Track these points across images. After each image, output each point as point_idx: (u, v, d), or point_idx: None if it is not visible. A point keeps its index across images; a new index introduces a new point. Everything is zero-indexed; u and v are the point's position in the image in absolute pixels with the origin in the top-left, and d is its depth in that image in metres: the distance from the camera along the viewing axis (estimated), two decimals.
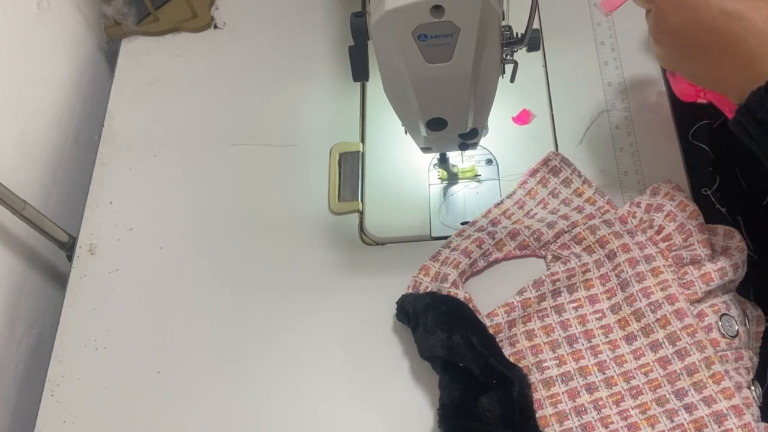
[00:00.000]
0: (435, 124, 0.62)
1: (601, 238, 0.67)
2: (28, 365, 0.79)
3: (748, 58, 0.52)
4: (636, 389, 0.61)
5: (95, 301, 0.74)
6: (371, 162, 0.77)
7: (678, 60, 0.59)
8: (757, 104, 0.50)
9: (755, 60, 0.52)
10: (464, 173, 0.75)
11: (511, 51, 0.59)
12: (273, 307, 0.71)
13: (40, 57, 0.85)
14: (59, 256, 0.84)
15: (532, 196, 0.72)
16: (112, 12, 0.89)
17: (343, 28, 0.87)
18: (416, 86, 0.56)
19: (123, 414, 0.68)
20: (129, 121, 0.85)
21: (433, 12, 0.49)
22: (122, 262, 0.76)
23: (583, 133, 0.75)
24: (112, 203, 0.79)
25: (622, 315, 0.64)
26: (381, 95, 0.59)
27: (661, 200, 0.67)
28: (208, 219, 0.77)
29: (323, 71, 0.85)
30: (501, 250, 0.69)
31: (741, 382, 0.61)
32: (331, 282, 0.72)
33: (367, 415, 0.65)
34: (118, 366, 0.70)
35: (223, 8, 0.92)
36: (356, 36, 0.55)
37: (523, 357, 0.64)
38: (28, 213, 0.74)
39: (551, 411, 0.61)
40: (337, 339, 0.68)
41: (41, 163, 0.83)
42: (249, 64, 0.87)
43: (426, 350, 0.63)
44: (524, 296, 0.65)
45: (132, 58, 0.89)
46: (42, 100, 0.84)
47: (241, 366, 0.69)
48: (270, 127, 0.82)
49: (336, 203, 0.76)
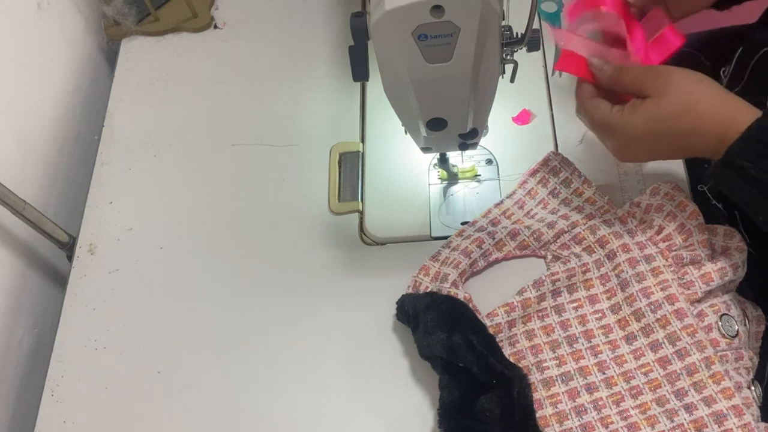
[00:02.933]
0: (435, 124, 0.62)
1: (601, 238, 0.67)
2: (28, 365, 0.79)
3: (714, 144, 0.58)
4: (636, 389, 0.61)
5: (95, 301, 0.74)
6: (371, 162, 0.77)
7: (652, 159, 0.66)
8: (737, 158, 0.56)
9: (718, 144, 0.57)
10: (464, 173, 0.75)
11: (511, 51, 0.59)
12: (273, 307, 0.71)
13: (40, 57, 0.85)
14: (59, 256, 0.84)
15: (532, 196, 0.72)
16: (112, 12, 0.89)
17: (343, 28, 0.87)
18: (416, 86, 0.56)
19: (123, 414, 0.68)
20: (129, 121, 0.85)
21: (433, 12, 0.49)
22: (122, 262, 0.76)
23: (583, 133, 0.75)
24: (112, 203, 0.79)
25: (622, 315, 0.64)
26: (381, 95, 0.59)
27: (661, 200, 0.67)
28: (208, 219, 0.77)
29: (323, 71, 0.85)
30: (501, 250, 0.69)
31: (741, 382, 0.61)
32: (331, 282, 0.72)
33: (367, 415, 0.65)
34: (118, 366, 0.70)
35: (223, 8, 0.92)
36: (356, 36, 0.55)
37: (523, 357, 0.64)
38: (28, 213, 0.74)
39: (551, 411, 0.61)
40: (337, 339, 0.69)
41: (41, 163, 0.83)
42: (249, 64, 0.87)
43: (426, 350, 0.63)
44: (524, 296, 0.65)
45: (132, 58, 0.89)
46: (42, 100, 0.84)
47: (241, 366, 0.69)
48: (270, 127, 0.82)
49: (336, 203, 0.76)
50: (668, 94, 0.58)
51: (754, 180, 0.55)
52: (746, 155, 0.55)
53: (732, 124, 0.56)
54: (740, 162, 0.55)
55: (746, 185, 0.56)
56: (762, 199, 0.56)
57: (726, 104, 0.58)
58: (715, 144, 0.57)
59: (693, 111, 0.58)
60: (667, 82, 0.59)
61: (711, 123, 0.57)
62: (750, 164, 0.55)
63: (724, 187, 0.58)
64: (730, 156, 0.56)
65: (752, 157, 0.55)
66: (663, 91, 0.59)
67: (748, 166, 0.55)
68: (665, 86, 0.59)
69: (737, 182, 0.56)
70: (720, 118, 0.57)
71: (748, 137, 0.55)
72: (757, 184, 0.55)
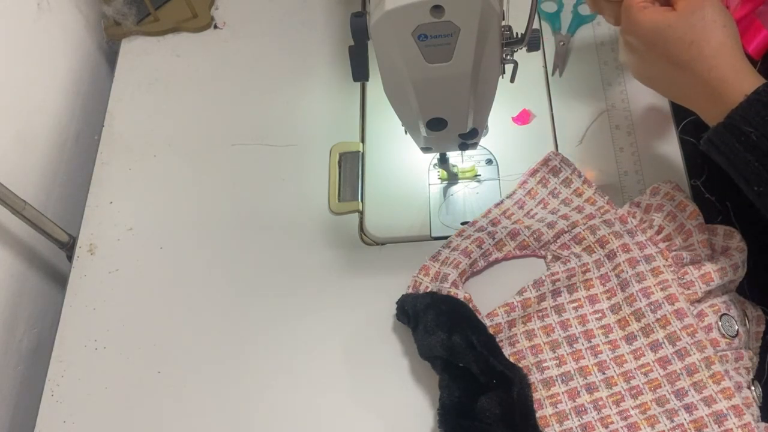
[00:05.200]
0: (435, 124, 0.62)
1: (601, 238, 0.67)
2: (28, 365, 0.79)
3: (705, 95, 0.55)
4: (636, 389, 0.61)
5: (95, 301, 0.74)
6: (371, 162, 0.77)
7: (648, 78, 0.61)
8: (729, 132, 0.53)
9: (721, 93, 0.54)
10: (464, 173, 0.75)
11: (511, 51, 0.59)
12: (273, 307, 0.71)
13: (40, 57, 0.85)
14: (59, 256, 0.84)
15: (532, 196, 0.72)
16: (112, 12, 0.89)
17: (343, 28, 0.87)
18: (416, 86, 0.56)
19: (123, 414, 0.68)
20: (129, 121, 0.85)
21: (433, 12, 0.49)
22: (122, 262, 0.76)
23: (583, 133, 0.75)
24: (112, 203, 0.79)
25: (622, 315, 0.64)
26: (381, 95, 0.59)
27: (661, 200, 0.67)
28: (208, 219, 0.77)
29: (323, 71, 0.85)
30: (501, 250, 0.69)
31: (741, 382, 0.61)
32: (332, 282, 0.72)
33: (367, 415, 0.65)
34: (118, 366, 0.70)
35: (223, 8, 0.92)
36: (356, 36, 0.55)
37: (523, 357, 0.64)
38: (28, 213, 0.74)
39: (551, 411, 0.61)
40: (337, 339, 0.69)
41: (41, 163, 0.83)
42: (249, 64, 0.87)
43: (426, 350, 0.63)
44: (524, 296, 0.65)
45: (132, 58, 0.89)
46: (42, 100, 0.84)
47: (241, 366, 0.69)
48: (270, 127, 0.82)
49: (336, 203, 0.76)
50: (689, 18, 0.55)
51: (753, 146, 0.53)
52: (750, 119, 0.52)
53: (732, 83, 0.54)
54: (743, 126, 0.53)
55: (744, 152, 0.53)
56: (759, 167, 0.53)
57: (732, 59, 0.55)
58: (708, 95, 0.55)
59: (698, 47, 0.55)
60: (696, 7, 0.55)
61: (709, 70, 0.55)
62: (753, 129, 0.52)
63: (719, 153, 0.55)
64: (732, 119, 0.53)
65: (756, 122, 0.52)
66: (687, 13, 0.55)
67: (749, 131, 0.52)
68: (692, 10, 0.55)
69: (735, 148, 0.54)
70: (720, 69, 0.54)
71: (755, 101, 0.53)
72: (755, 151, 0.53)
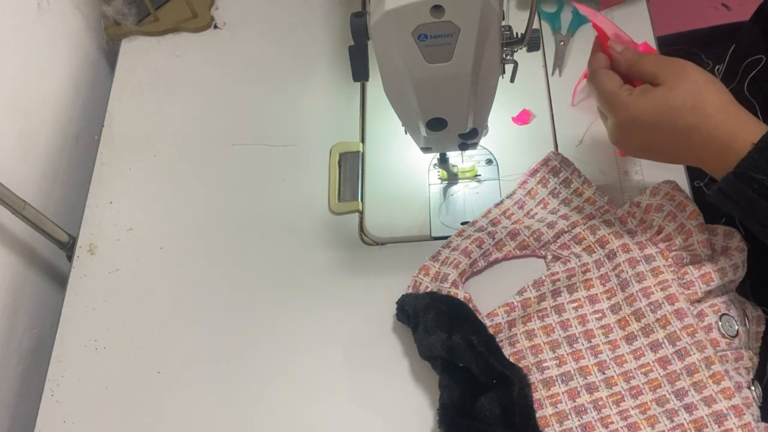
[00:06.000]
0: (435, 124, 0.62)
1: (601, 238, 0.67)
2: (28, 365, 0.79)
3: (714, 151, 0.58)
4: (636, 389, 0.61)
5: (95, 301, 0.74)
6: (371, 162, 0.77)
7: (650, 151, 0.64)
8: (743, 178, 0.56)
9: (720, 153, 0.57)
10: (464, 173, 0.75)
11: (511, 51, 0.59)
12: (273, 307, 0.71)
13: (40, 57, 0.85)
14: (59, 256, 0.84)
15: (532, 196, 0.72)
16: (112, 12, 0.90)
17: (343, 28, 0.87)
18: (416, 86, 0.56)
19: (123, 414, 0.68)
20: (129, 121, 0.85)
21: (433, 12, 0.49)
22: (122, 262, 0.76)
23: (583, 133, 0.75)
24: (112, 203, 0.79)
25: (622, 315, 0.64)
26: (381, 95, 0.59)
27: (661, 200, 0.67)
28: (208, 219, 0.77)
29: (323, 71, 0.85)
30: (501, 250, 0.69)
31: (741, 382, 0.61)
32: (331, 282, 0.72)
33: (366, 415, 0.65)
34: (118, 366, 0.70)
35: (223, 8, 0.92)
36: (356, 36, 0.55)
37: (523, 357, 0.64)
38: (28, 213, 0.74)
39: (551, 411, 0.61)
40: (337, 339, 0.69)
41: (41, 163, 0.83)
42: (249, 64, 0.87)
43: (426, 350, 0.63)
44: (524, 296, 0.65)
45: (132, 58, 0.89)
46: (42, 100, 0.84)
47: (240, 366, 0.69)
48: (270, 127, 0.82)
49: (336, 203, 0.76)
50: (681, 87, 0.58)
51: (767, 192, 0.55)
52: (761, 166, 0.55)
53: (738, 134, 0.56)
54: (754, 174, 0.55)
55: (759, 198, 0.55)
56: None
57: (734, 112, 0.58)
58: (717, 150, 0.57)
59: (701, 109, 0.57)
60: (682, 75, 0.58)
61: (716, 127, 0.57)
62: (764, 176, 0.54)
63: (731, 202, 0.57)
64: (742, 167, 0.55)
65: (766, 168, 0.54)
66: (677, 83, 0.58)
67: (762, 178, 0.54)
68: (680, 78, 0.58)
69: (749, 195, 0.56)
70: (726, 124, 0.57)
71: (763, 148, 0.55)
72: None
